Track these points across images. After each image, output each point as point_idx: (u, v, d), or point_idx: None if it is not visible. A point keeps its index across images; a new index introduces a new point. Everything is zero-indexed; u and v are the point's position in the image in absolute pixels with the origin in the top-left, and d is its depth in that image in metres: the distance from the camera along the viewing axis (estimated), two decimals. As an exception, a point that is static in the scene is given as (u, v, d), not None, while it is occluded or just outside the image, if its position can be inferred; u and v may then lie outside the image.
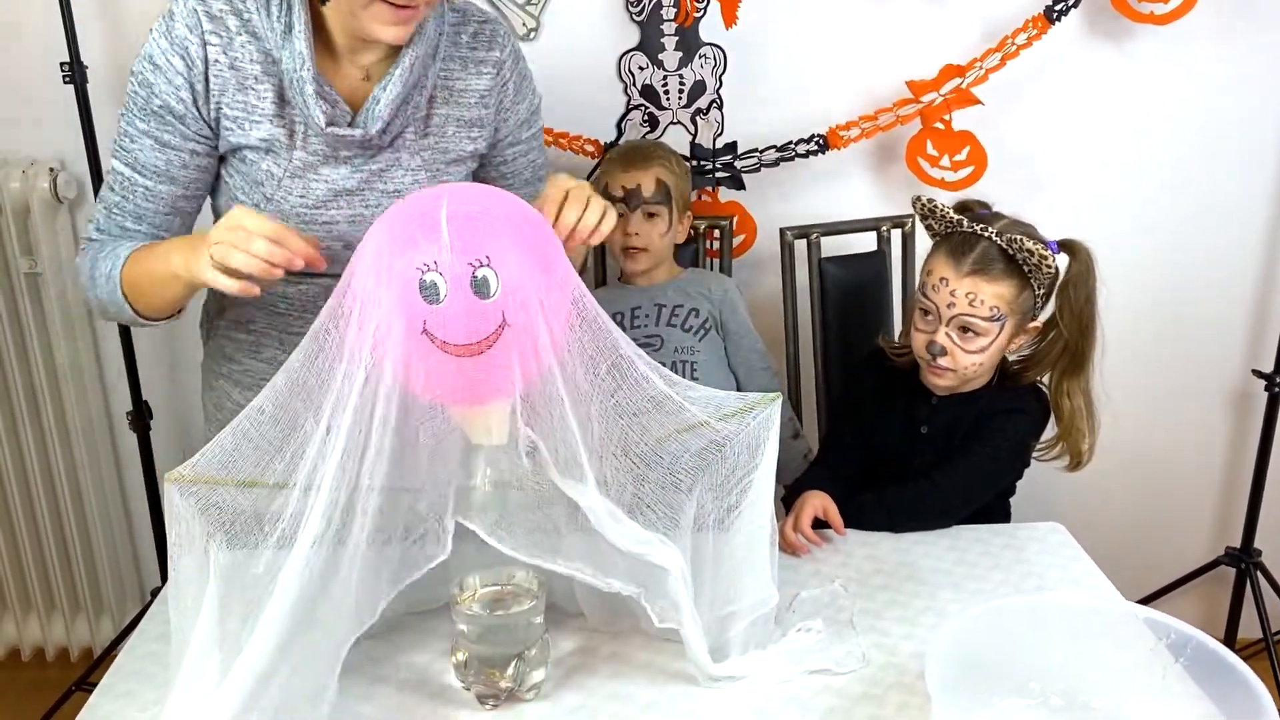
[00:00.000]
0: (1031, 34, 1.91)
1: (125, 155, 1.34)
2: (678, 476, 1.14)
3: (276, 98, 1.31)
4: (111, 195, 1.36)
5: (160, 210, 1.36)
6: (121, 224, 1.36)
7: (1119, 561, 1.51)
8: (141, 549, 2.30)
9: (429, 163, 1.39)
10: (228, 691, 0.99)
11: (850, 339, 1.93)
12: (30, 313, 2.05)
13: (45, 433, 2.13)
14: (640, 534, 1.10)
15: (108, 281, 1.31)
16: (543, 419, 1.07)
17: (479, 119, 1.42)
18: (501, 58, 1.42)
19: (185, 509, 1.03)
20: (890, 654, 1.20)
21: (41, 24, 1.85)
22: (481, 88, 1.41)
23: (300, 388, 1.04)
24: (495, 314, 1.02)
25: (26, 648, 2.31)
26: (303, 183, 1.34)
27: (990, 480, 1.56)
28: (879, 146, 2.05)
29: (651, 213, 1.81)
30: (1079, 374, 1.53)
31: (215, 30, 1.28)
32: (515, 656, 1.11)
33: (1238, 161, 2.09)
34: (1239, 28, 1.99)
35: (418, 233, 1.01)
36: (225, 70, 1.30)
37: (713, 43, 1.99)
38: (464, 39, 1.40)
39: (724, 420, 1.16)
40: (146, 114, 1.31)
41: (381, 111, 1.31)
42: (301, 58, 1.27)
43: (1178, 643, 1.03)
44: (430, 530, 1.10)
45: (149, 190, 1.34)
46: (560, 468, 1.08)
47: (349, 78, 1.34)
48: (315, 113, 1.29)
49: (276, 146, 1.32)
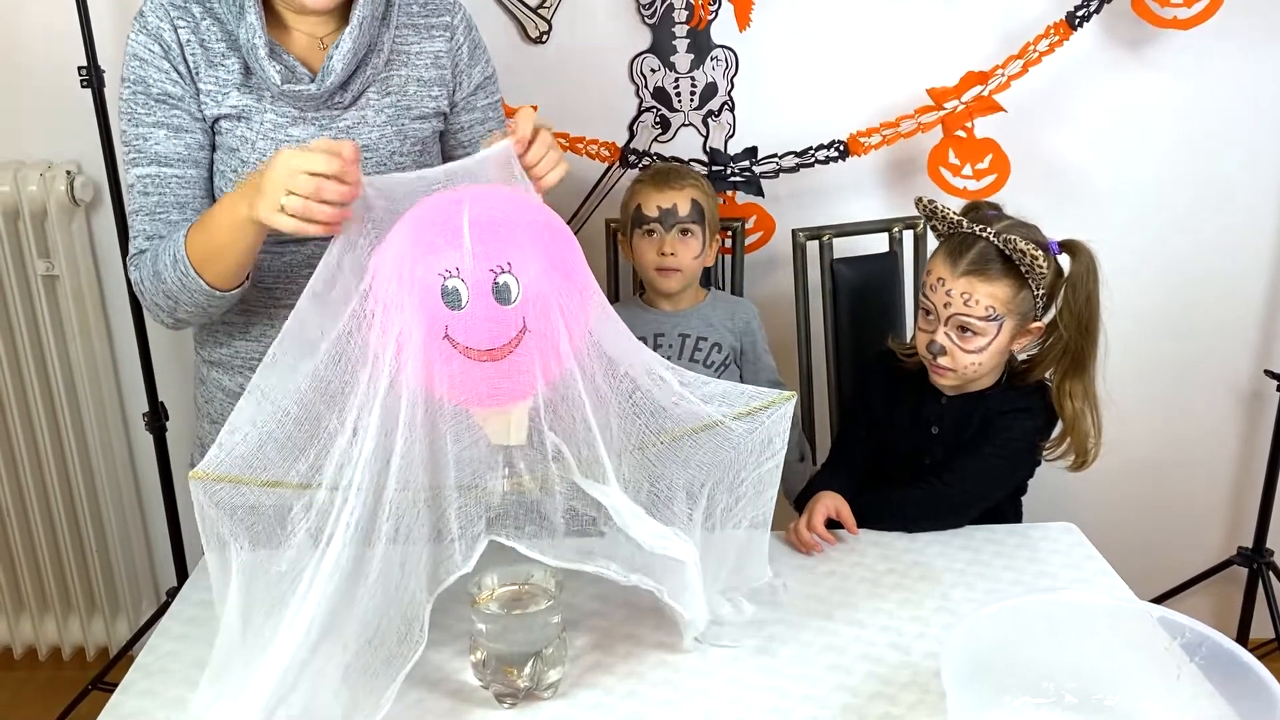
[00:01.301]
0: (1054, 40, 1.91)
1: (143, 156, 1.37)
2: (692, 472, 1.16)
3: (242, 69, 1.37)
4: (146, 199, 1.37)
5: (198, 195, 1.38)
6: (167, 219, 1.36)
7: (1131, 561, 1.51)
8: (157, 549, 2.32)
9: (394, 119, 1.44)
10: (254, 690, 1.01)
11: (862, 340, 1.94)
12: (47, 314, 2.07)
13: (62, 434, 2.15)
14: (659, 529, 1.12)
15: (174, 265, 1.30)
16: (565, 422, 1.09)
17: (438, 78, 1.48)
18: (453, 22, 1.49)
19: (210, 505, 1.04)
20: (905, 653, 1.21)
21: (59, 29, 1.86)
22: (436, 49, 1.47)
23: (324, 389, 1.06)
24: (516, 319, 1.03)
25: (43, 647, 2.32)
26: (274, 144, 1.38)
27: (1001, 479, 1.56)
28: (897, 157, 2.06)
29: (686, 230, 1.79)
30: (1081, 375, 1.53)
31: (181, 16, 1.36)
32: (533, 655, 1.12)
33: (1251, 163, 2.09)
34: (1258, 32, 1.99)
35: (440, 239, 1.02)
36: (197, 48, 1.36)
37: (725, 45, 2.00)
38: (415, 8, 1.47)
39: (739, 419, 1.17)
40: (150, 107, 1.36)
41: (334, 67, 1.36)
42: (254, 28, 1.33)
43: (1192, 642, 1.03)
44: (458, 539, 1.12)
45: (181, 178, 1.37)
46: (583, 469, 1.10)
47: (305, 47, 1.41)
48: (270, 73, 1.35)
49: (248, 112, 1.38)
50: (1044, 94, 2.01)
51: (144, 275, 1.35)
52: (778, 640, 1.23)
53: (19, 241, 2.03)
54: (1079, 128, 2.06)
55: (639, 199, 1.82)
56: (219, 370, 1.51)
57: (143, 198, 1.37)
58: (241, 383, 1.46)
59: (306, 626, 1.03)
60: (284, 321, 1.09)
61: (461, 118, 1.52)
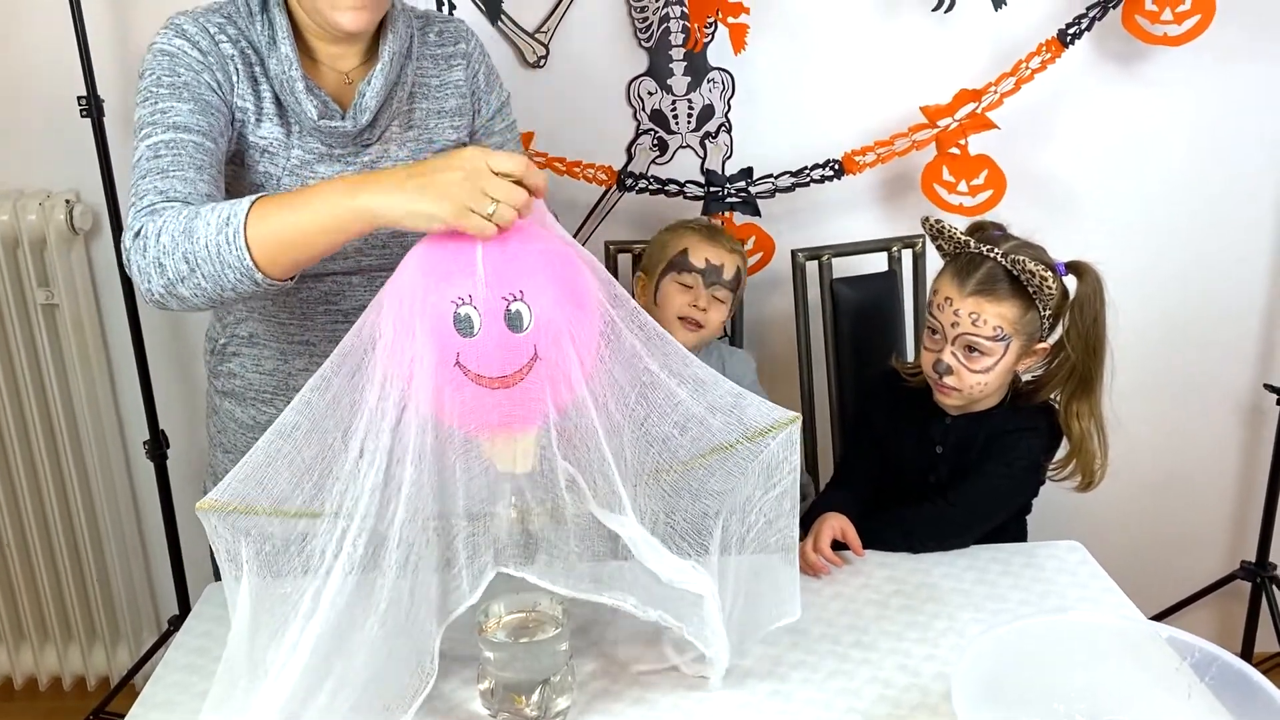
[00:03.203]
0: (1046, 57, 1.92)
1: (163, 124, 1.24)
2: (705, 502, 1.15)
3: (274, 98, 1.35)
4: (159, 160, 1.21)
5: (214, 164, 1.25)
6: (184, 176, 1.20)
7: (1135, 576, 1.51)
8: (158, 578, 2.31)
9: (416, 153, 1.44)
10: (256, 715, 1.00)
11: (863, 359, 1.94)
12: (47, 343, 2.07)
13: (62, 462, 2.14)
14: (677, 562, 1.11)
15: (222, 227, 1.11)
16: (579, 451, 1.09)
17: (458, 108, 1.47)
18: (469, 50, 1.49)
19: (224, 531, 1.04)
20: (913, 675, 1.20)
21: (58, 59, 1.87)
22: (455, 79, 1.47)
23: (334, 409, 1.05)
24: (528, 347, 1.03)
25: (44, 677, 2.31)
26: (299, 180, 1.37)
27: (1006, 499, 1.56)
28: (891, 174, 2.07)
29: (722, 293, 1.77)
30: (1088, 396, 1.53)
31: (221, 31, 1.33)
32: (540, 683, 1.12)
33: (1247, 179, 2.10)
34: (1249, 47, 2.01)
35: (453, 267, 1.03)
36: (239, 64, 1.32)
37: (721, 67, 2.01)
38: (431, 38, 1.47)
39: (746, 442, 1.17)
40: (176, 88, 1.27)
41: (369, 103, 1.36)
42: (288, 60, 1.32)
43: (1202, 662, 1.03)
44: (466, 568, 1.12)
45: (199, 145, 1.24)
46: (599, 500, 1.10)
47: (332, 82, 1.39)
48: (308, 108, 1.33)
49: (275, 146, 1.36)
50: (1037, 111, 2.02)
51: (166, 227, 1.14)
52: (786, 664, 1.23)
53: (18, 271, 2.03)
54: (1072, 144, 2.07)
55: (685, 244, 1.77)
56: (231, 401, 1.50)
57: (154, 160, 1.21)
58: (254, 414, 1.46)
59: (310, 653, 1.02)
60: (295, 357, 1.08)
61: (481, 143, 1.51)
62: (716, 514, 1.16)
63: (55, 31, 1.85)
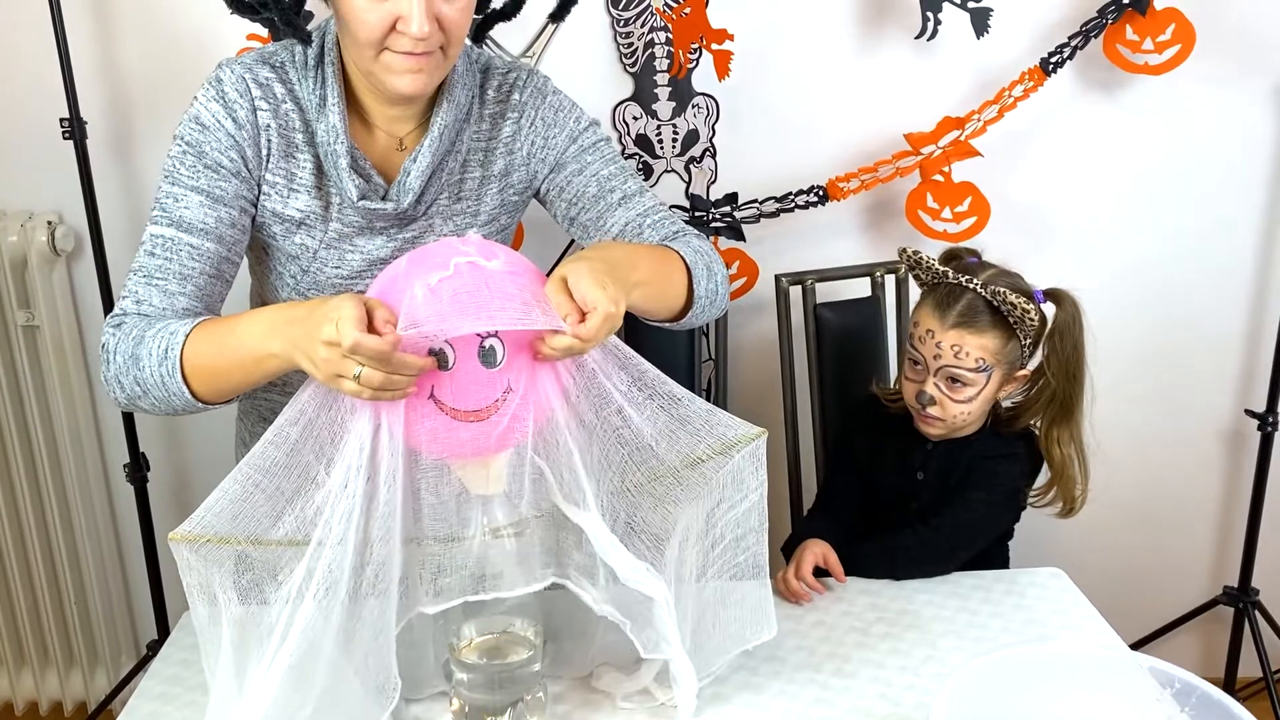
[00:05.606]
0: (1028, 85, 1.94)
1: (167, 217, 1.26)
2: (668, 508, 1.16)
3: (315, 168, 1.30)
4: (151, 260, 1.25)
5: (205, 271, 1.26)
6: (164, 288, 1.24)
7: (1117, 603, 1.51)
8: (137, 602, 2.29)
9: (460, 227, 1.38)
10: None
11: (846, 384, 1.94)
12: (27, 365, 2.05)
13: (41, 485, 2.13)
14: (633, 561, 1.12)
15: (160, 362, 1.16)
16: (548, 445, 1.10)
17: (504, 169, 1.40)
18: (521, 100, 1.40)
19: (195, 561, 1.04)
20: (894, 704, 1.20)
21: (41, 80, 1.87)
22: (505, 135, 1.39)
23: (312, 440, 1.06)
24: (501, 381, 1.05)
25: (20, 701, 2.28)
26: (338, 254, 1.34)
27: (986, 525, 1.56)
28: (875, 200, 2.07)
29: None
30: (1068, 422, 1.54)
31: (264, 96, 1.28)
32: (511, 705, 1.12)
33: (1227, 207, 2.12)
34: (1229, 77, 2.03)
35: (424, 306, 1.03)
36: (274, 136, 1.29)
37: (705, 93, 2.01)
38: (489, 95, 1.39)
39: (713, 455, 1.17)
40: (196, 172, 1.26)
41: (412, 184, 1.30)
42: (336, 131, 1.27)
43: (1182, 691, 1.03)
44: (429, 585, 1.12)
45: (194, 249, 1.26)
46: (564, 491, 1.11)
47: (384, 147, 1.34)
48: (349, 187, 1.28)
49: (311, 219, 1.32)
50: (1020, 138, 2.03)
51: (119, 349, 1.21)
52: (767, 693, 1.22)
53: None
54: (1054, 171, 2.09)
55: None
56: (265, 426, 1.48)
57: (147, 258, 1.26)
58: None
59: (282, 676, 1.02)
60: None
61: (558, 179, 1.41)
62: (676, 523, 1.16)
63: (38, 53, 1.84)
